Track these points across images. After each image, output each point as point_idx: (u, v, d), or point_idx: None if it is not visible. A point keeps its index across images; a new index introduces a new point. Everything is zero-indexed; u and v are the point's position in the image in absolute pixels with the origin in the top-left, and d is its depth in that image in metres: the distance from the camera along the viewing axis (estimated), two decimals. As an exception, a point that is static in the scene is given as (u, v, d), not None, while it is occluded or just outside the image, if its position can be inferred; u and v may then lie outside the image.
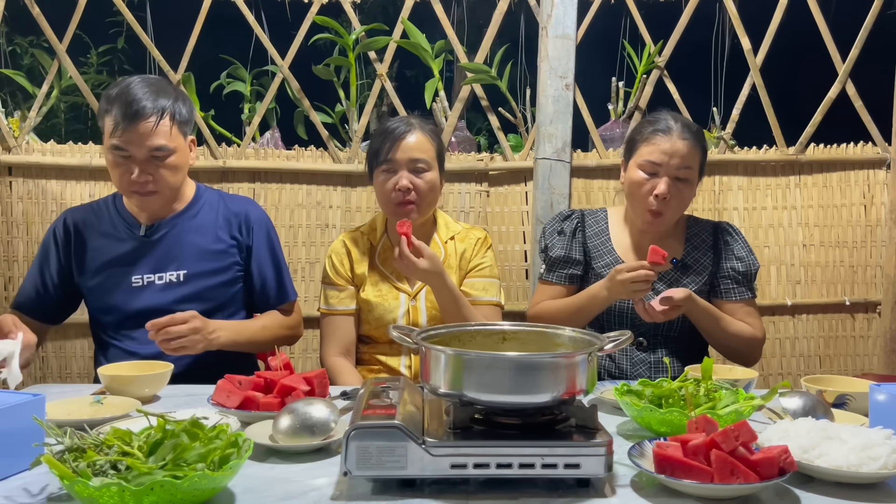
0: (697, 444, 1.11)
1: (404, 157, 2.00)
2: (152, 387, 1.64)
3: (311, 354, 2.85)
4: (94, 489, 0.96)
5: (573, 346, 1.29)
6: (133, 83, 1.87)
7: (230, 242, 2.03)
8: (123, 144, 1.84)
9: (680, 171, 1.94)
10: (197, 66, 2.77)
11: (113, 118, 1.83)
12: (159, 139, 1.85)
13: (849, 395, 1.54)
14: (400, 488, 1.12)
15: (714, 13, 3.59)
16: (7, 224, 2.72)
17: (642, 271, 1.81)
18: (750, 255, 2.07)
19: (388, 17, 3.32)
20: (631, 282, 1.82)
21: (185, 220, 2.01)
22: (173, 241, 1.98)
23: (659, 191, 1.93)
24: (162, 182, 1.89)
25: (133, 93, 1.84)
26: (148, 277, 1.96)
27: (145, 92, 1.85)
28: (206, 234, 2.01)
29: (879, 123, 2.91)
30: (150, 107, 1.83)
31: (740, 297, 2.03)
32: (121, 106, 1.82)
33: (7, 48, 3.94)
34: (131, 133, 1.82)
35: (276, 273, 2.08)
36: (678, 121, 1.98)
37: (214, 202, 2.06)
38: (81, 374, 2.79)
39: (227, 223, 2.04)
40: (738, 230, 2.12)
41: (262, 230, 2.07)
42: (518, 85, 3.41)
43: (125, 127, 1.82)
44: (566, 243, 2.10)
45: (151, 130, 1.83)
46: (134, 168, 1.85)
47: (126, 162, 1.86)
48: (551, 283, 2.11)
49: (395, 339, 1.28)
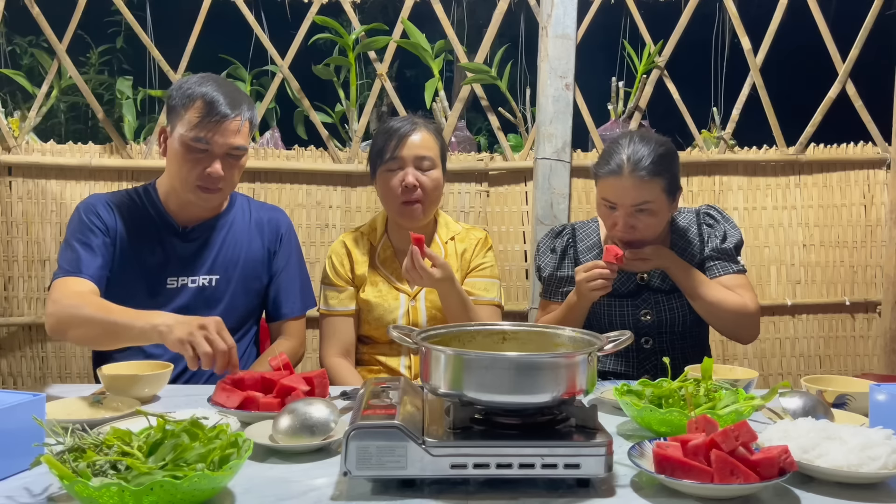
0: (697, 444, 1.11)
1: (410, 155, 2.00)
2: (152, 387, 1.64)
3: (311, 354, 2.85)
4: (94, 489, 0.96)
5: (573, 346, 1.29)
6: (214, 82, 1.89)
7: (262, 250, 2.03)
8: (208, 137, 1.83)
9: (640, 205, 1.90)
10: (197, 66, 2.77)
11: (198, 112, 1.83)
12: (240, 139, 1.87)
13: (849, 395, 1.54)
14: (400, 488, 1.12)
15: (714, 13, 3.60)
16: (7, 224, 2.72)
17: (597, 271, 1.84)
18: (732, 231, 2.04)
19: (388, 17, 3.32)
20: (587, 281, 1.85)
21: (222, 223, 2.00)
22: (209, 244, 1.97)
23: (620, 226, 1.92)
24: (230, 181, 1.90)
25: (221, 91, 1.86)
26: (182, 280, 1.94)
27: (231, 93, 1.87)
28: (240, 240, 2.00)
29: (879, 123, 2.91)
30: (237, 108, 1.86)
31: (724, 272, 2.01)
32: (209, 102, 1.83)
33: (7, 48, 3.94)
34: (218, 128, 1.83)
35: (292, 284, 2.06)
36: (632, 157, 1.88)
37: (245, 208, 2.06)
38: (81, 374, 2.79)
39: (259, 230, 2.03)
40: (721, 210, 2.10)
41: (290, 240, 2.08)
42: (518, 85, 3.42)
43: (214, 122, 1.82)
44: (557, 262, 2.10)
45: (238, 130, 1.86)
46: (210, 162, 1.85)
47: (203, 156, 1.85)
48: (550, 301, 2.12)
49: (395, 339, 1.28)
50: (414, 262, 1.84)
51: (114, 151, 2.78)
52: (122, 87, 3.09)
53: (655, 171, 1.87)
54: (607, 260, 1.85)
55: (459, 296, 1.94)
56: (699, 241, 2.05)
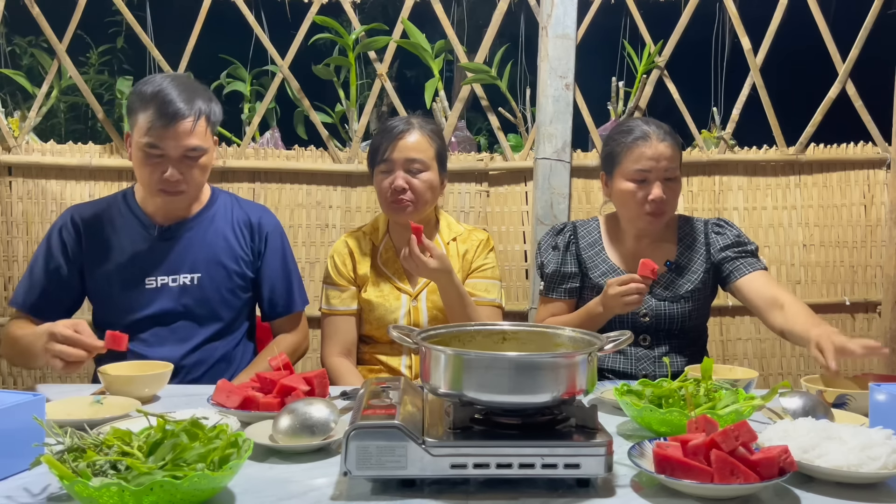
0: (697, 444, 1.11)
1: (400, 157, 2.00)
2: (152, 387, 1.64)
3: (312, 354, 2.84)
4: (94, 489, 0.96)
5: (573, 346, 1.29)
6: (168, 82, 1.86)
7: (244, 248, 2.02)
8: (160, 143, 1.83)
9: (668, 171, 1.96)
10: (197, 66, 2.77)
11: (149, 117, 1.82)
12: (195, 139, 1.85)
13: (849, 395, 1.54)
14: (400, 488, 1.12)
15: (714, 13, 3.59)
16: (7, 224, 2.72)
17: (633, 285, 1.82)
18: (744, 237, 2.07)
19: (388, 17, 3.32)
20: (622, 295, 1.83)
21: (201, 222, 1.99)
22: (188, 244, 1.96)
23: (655, 195, 1.94)
24: (192, 182, 1.89)
25: (171, 92, 1.83)
26: (162, 279, 1.94)
27: (182, 92, 1.84)
28: (220, 238, 1.99)
29: (879, 123, 2.91)
30: (188, 107, 1.83)
31: (753, 269, 1.99)
32: (158, 105, 1.82)
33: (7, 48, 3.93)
34: (169, 132, 1.82)
35: (285, 282, 2.06)
36: (651, 124, 1.99)
37: (228, 206, 2.05)
38: (81, 374, 2.77)
39: (240, 229, 2.03)
40: (731, 223, 2.11)
41: (276, 239, 2.06)
42: (518, 85, 3.41)
43: (164, 125, 1.81)
44: (560, 258, 2.11)
45: (190, 131, 1.83)
46: (167, 167, 1.84)
47: (160, 161, 1.84)
48: (552, 299, 2.12)
49: (396, 339, 1.28)
50: (411, 251, 1.86)
51: (114, 151, 2.78)
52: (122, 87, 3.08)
53: (674, 139, 2.00)
54: (643, 274, 1.81)
55: (458, 290, 1.95)
56: (705, 249, 2.06)
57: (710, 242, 2.07)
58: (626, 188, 1.99)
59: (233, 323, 2.02)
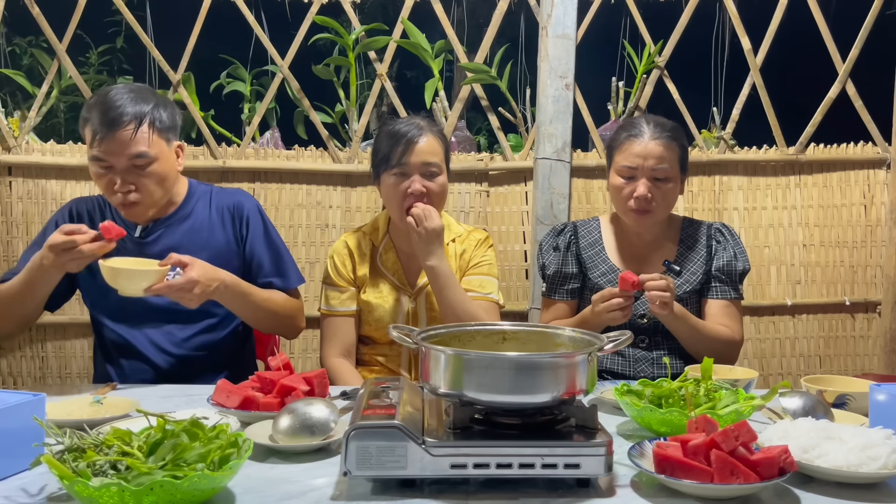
0: (697, 444, 1.11)
1: (417, 161, 1.98)
2: (150, 281, 1.67)
3: (311, 354, 2.85)
4: (94, 489, 0.96)
5: (573, 346, 1.29)
6: (112, 91, 1.82)
7: (228, 237, 2.00)
8: (103, 155, 1.78)
9: (656, 171, 1.97)
10: (197, 66, 2.77)
11: (91, 127, 1.78)
12: (139, 147, 1.79)
13: (849, 395, 1.54)
14: (400, 488, 1.12)
15: (714, 13, 3.60)
16: (7, 224, 2.72)
17: (614, 300, 1.83)
18: (741, 256, 2.07)
19: (388, 17, 3.33)
20: (606, 312, 1.84)
21: (179, 219, 1.98)
22: (169, 242, 1.95)
23: (638, 192, 1.96)
24: (145, 192, 1.84)
25: (111, 100, 1.79)
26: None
27: (123, 99, 1.80)
28: (202, 231, 1.98)
29: (879, 123, 2.91)
30: (127, 113, 1.78)
31: (722, 296, 2.04)
32: (98, 114, 1.78)
33: (7, 48, 3.94)
34: (110, 142, 1.77)
35: (274, 259, 2.03)
36: (650, 122, 2.01)
37: (207, 198, 2.03)
38: (81, 374, 2.79)
39: (221, 217, 2.01)
40: (734, 231, 2.12)
41: (257, 219, 2.03)
42: (518, 85, 3.42)
43: (103, 135, 1.77)
44: (561, 259, 2.11)
45: (130, 138, 1.78)
46: (116, 179, 1.80)
47: (108, 172, 1.80)
48: (555, 300, 2.12)
49: (396, 339, 1.28)
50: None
51: (114, 151, 2.78)
52: (122, 87, 3.08)
53: (673, 136, 2.00)
54: (623, 288, 1.81)
55: (448, 279, 1.95)
56: (706, 253, 2.06)
57: (711, 248, 2.07)
58: (614, 183, 2.02)
59: (227, 316, 2.00)
